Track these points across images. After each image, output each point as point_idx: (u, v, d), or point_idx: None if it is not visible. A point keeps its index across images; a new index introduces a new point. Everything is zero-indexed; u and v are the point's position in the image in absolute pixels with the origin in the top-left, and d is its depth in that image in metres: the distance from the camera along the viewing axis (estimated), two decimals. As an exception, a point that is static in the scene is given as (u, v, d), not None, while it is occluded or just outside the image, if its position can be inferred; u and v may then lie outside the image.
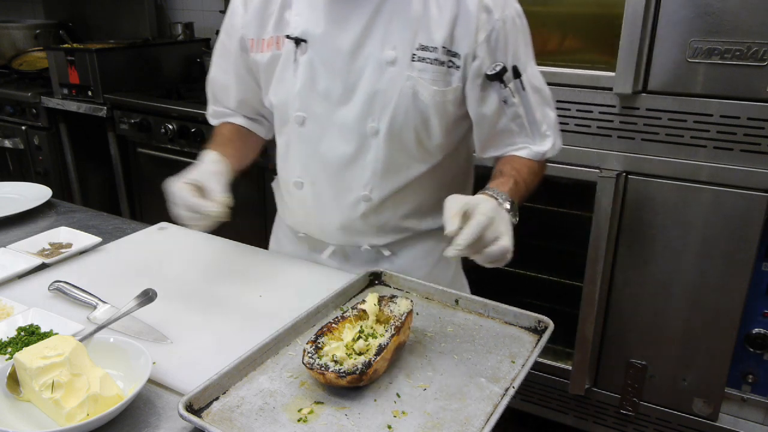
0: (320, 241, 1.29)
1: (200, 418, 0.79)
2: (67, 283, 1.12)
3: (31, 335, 0.95)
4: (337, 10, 1.09)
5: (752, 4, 1.53)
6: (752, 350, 1.84)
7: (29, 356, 0.81)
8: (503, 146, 1.18)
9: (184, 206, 1.03)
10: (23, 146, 3.14)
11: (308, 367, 0.85)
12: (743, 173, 1.66)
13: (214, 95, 1.33)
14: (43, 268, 1.22)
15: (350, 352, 0.87)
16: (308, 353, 0.87)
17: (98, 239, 1.32)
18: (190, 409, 0.79)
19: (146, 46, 3.12)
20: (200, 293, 1.14)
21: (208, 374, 0.84)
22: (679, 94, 1.68)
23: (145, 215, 3.01)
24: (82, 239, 1.32)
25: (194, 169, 1.10)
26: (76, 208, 1.58)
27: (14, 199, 1.56)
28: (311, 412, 0.82)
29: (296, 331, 0.98)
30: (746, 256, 1.70)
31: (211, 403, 0.83)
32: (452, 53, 1.09)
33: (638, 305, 1.90)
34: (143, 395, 0.86)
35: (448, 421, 0.81)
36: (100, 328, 0.95)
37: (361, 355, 0.87)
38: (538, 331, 1.00)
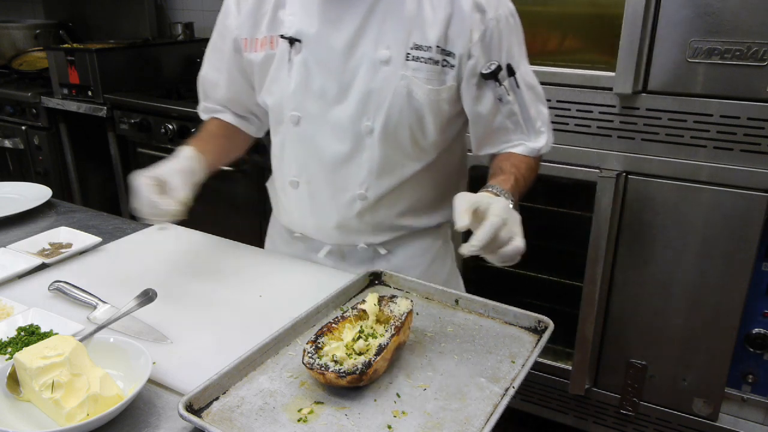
0: (316, 240, 1.30)
1: (200, 418, 0.79)
2: (67, 283, 1.12)
3: (31, 335, 0.95)
4: (330, 9, 1.09)
5: (752, 4, 1.53)
6: (752, 350, 1.84)
7: (29, 356, 0.81)
8: (499, 143, 1.20)
9: (143, 201, 1.06)
10: (23, 146, 3.14)
11: (308, 367, 0.85)
12: (743, 173, 1.66)
13: (204, 92, 1.35)
14: (43, 268, 1.22)
15: (350, 352, 0.87)
16: (308, 353, 0.87)
17: (98, 239, 1.32)
18: (190, 409, 0.79)
19: (146, 46, 3.12)
20: (200, 293, 1.14)
21: (208, 374, 0.84)
22: (679, 94, 1.68)
23: (145, 215, 3.01)
24: (82, 239, 1.33)
25: (162, 164, 1.12)
26: (76, 208, 1.58)
27: (14, 199, 1.56)
28: (311, 412, 0.82)
29: (296, 331, 0.98)
30: (746, 256, 1.70)
31: (211, 403, 0.83)
32: (447, 52, 1.09)
33: (638, 305, 1.90)
34: (143, 395, 0.86)
35: (448, 421, 0.81)
36: (100, 328, 0.95)
37: (361, 355, 0.87)
38: (538, 331, 1.00)
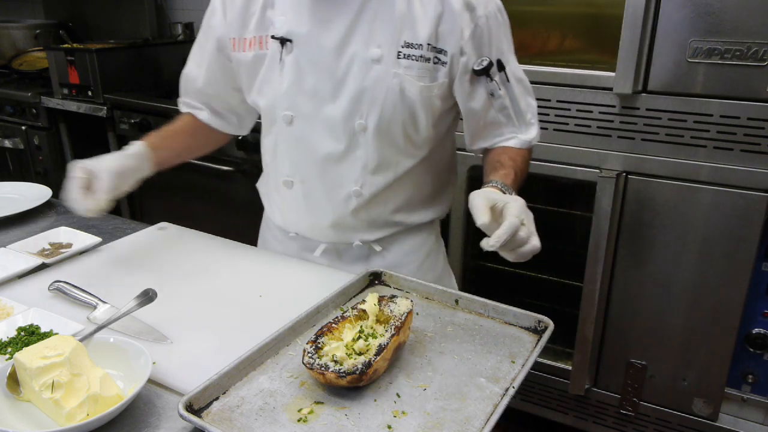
0: (311, 239, 1.30)
1: (200, 418, 0.79)
2: (67, 283, 1.12)
3: (31, 335, 0.95)
4: (321, 9, 1.10)
5: (752, 4, 1.53)
6: (752, 350, 1.84)
7: (29, 356, 0.81)
8: (492, 137, 1.22)
9: (68, 195, 1.13)
10: (23, 146, 3.14)
11: (308, 367, 0.85)
12: (743, 173, 1.66)
13: (185, 88, 1.37)
14: (43, 268, 1.22)
15: (350, 352, 0.87)
16: (308, 353, 0.87)
17: (98, 239, 1.32)
18: (190, 409, 0.79)
19: (146, 46, 3.12)
20: (200, 293, 1.14)
21: (208, 374, 0.84)
22: (679, 94, 1.68)
23: (145, 215, 3.01)
24: (82, 239, 1.33)
25: (104, 157, 1.18)
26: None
27: (14, 199, 1.56)
28: (311, 412, 0.82)
29: (296, 331, 0.98)
30: (746, 256, 1.70)
31: (211, 403, 0.83)
32: (438, 50, 1.11)
33: (638, 305, 1.90)
34: (143, 395, 0.86)
35: (448, 421, 0.81)
36: (100, 328, 0.95)
37: (361, 355, 0.87)
38: (538, 331, 1.00)
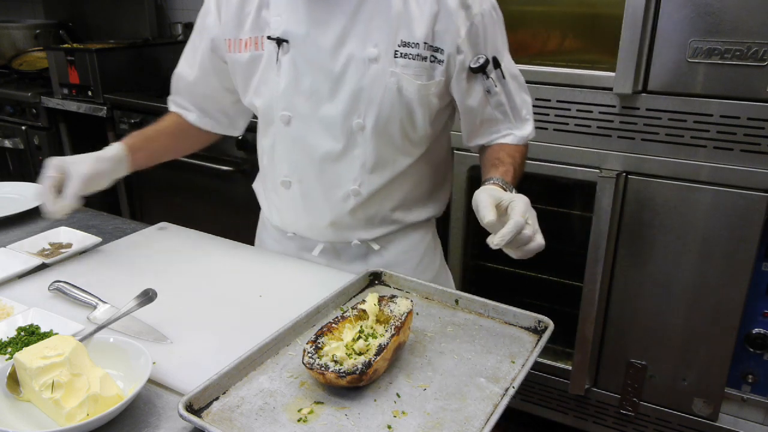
0: (310, 239, 1.31)
1: (200, 418, 0.79)
2: (67, 283, 1.12)
3: (31, 335, 0.95)
4: (317, 9, 1.10)
5: (752, 4, 1.53)
6: (752, 350, 1.84)
7: (29, 356, 0.81)
8: (489, 134, 1.23)
9: (39, 195, 1.15)
10: (23, 146, 3.14)
11: (308, 367, 0.85)
12: (743, 173, 1.66)
13: (176, 87, 1.37)
14: (43, 268, 1.22)
15: (350, 352, 0.87)
16: (308, 353, 0.87)
17: (98, 239, 1.32)
18: (190, 409, 0.79)
19: (146, 46, 3.12)
20: (200, 293, 1.14)
21: (208, 374, 0.84)
22: (679, 94, 1.68)
23: (145, 215, 3.01)
24: (82, 239, 1.32)
25: (77, 159, 1.18)
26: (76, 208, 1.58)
27: (14, 199, 1.56)
28: (311, 412, 0.82)
29: (296, 331, 0.98)
30: (746, 256, 1.70)
31: (211, 403, 0.83)
32: (434, 48, 1.11)
33: (638, 305, 1.90)
34: (143, 395, 0.86)
35: (448, 421, 0.81)
36: (100, 328, 0.95)
37: (361, 355, 0.87)
38: (538, 331, 1.00)
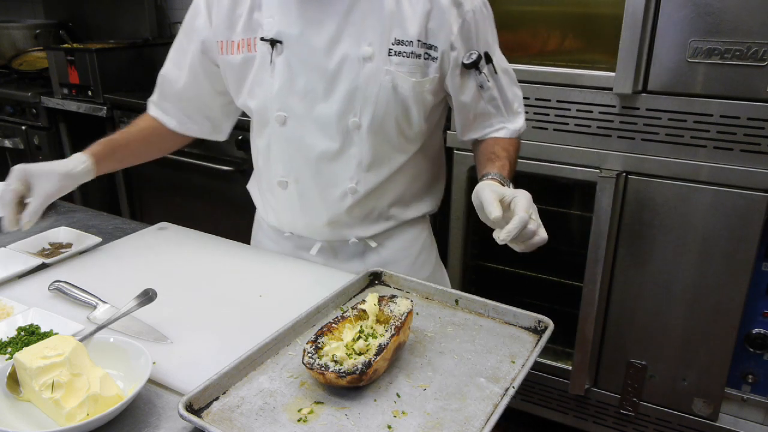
0: (307, 238, 1.31)
1: (200, 418, 0.79)
2: (67, 283, 1.12)
3: (31, 335, 0.95)
4: (309, 9, 1.10)
5: (752, 4, 1.53)
6: (752, 350, 1.84)
7: (29, 356, 0.81)
8: (482, 128, 1.25)
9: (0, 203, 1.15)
10: (23, 146, 3.14)
11: (308, 367, 0.85)
12: (743, 173, 1.66)
13: (162, 90, 1.34)
14: (43, 268, 1.22)
15: (350, 352, 0.87)
16: (308, 353, 0.87)
17: (98, 239, 1.32)
18: (190, 409, 0.79)
19: (146, 46, 3.12)
20: (200, 293, 1.14)
21: (208, 374, 0.84)
22: (679, 94, 1.68)
23: (145, 215, 3.01)
24: (82, 239, 1.33)
25: (42, 174, 1.16)
26: (76, 208, 1.58)
27: (14, 199, 1.55)
28: (311, 412, 0.82)
29: (296, 331, 0.98)
30: (746, 256, 1.70)
31: (211, 403, 0.83)
32: (428, 45, 1.12)
33: (638, 305, 1.90)
34: (143, 395, 0.86)
35: (448, 421, 0.81)
36: (100, 328, 0.95)
37: (361, 355, 0.87)
38: (538, 331, 1.00)
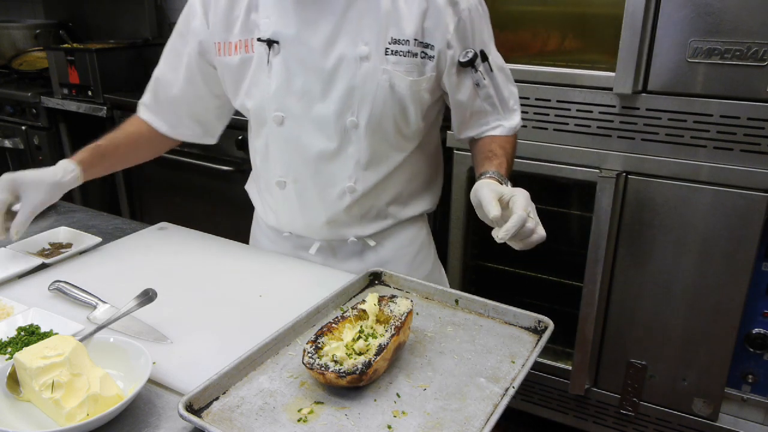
0: (306, 238, 1.31)
1: (200, 418, 0.79)
2: (67, 283, 1.12)
3: (31, 335, 0.95)
4: (306, 10, 1.11)
5: (752, 4, 1.53)
6: (752, 350, 1.84)
7: (29, 356, 0.81)
8: (478, 126, 1.25)
9: None
10: (23, 146, 3.14)
11: (308, 367, 0.85)
12: (743, 173, 1.66)
13: (155, 92, 1.33)
14: (43, 268, 1.22)
15: (350, 352, 0.87)
16: (308, 353, 0.87)
17: (98, 239, 1.32)
18: (190, 409, 0.79)
19: (146, 46, 3.12)
20: (200, 293, 1.14)
21: (208, 374, 0.84)
22: (679, 94, 1.68)
23: (145, 215, 3.01)
24: (82, 239, 1.33)
25: (30, 185, 1.16)
26: (76, 208, 1.58)
27: (14, 199, 1.55)
28: (311, 412, 0.82)
29: (296, 331, 0.98)
30: (746, 256, 1.70)
31: (211, 403, 0.83)
32: (424, 44, 1.13)
33: (638, 305, 1.90)
34: (143, 395, 0.86)
35: (448, 421, 0.81)
36: (100, 328, 0.95)
37: (361, 355, 0.87)
38: (538, 331, 1.00)
